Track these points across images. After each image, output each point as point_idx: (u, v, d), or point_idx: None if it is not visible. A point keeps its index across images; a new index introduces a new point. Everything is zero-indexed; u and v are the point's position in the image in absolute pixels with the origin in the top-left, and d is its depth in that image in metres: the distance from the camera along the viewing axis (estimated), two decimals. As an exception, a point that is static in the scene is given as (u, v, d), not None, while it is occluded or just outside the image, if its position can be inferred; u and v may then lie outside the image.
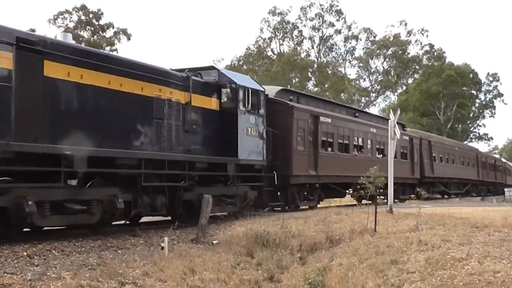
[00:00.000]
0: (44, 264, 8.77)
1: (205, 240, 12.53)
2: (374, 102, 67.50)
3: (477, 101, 73.23)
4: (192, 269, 9.92)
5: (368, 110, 61.66)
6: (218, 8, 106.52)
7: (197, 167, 14.91)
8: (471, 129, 74.68)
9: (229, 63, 62.56)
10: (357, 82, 65.99)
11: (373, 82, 65.26)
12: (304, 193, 21.29)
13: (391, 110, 25.32)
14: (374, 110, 65.62)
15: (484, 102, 73.30)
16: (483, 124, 75.22)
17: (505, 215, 14.80)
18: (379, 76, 64.59)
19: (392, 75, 65.02)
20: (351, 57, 64.40)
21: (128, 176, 12.80)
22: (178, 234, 12.85)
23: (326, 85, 63.64)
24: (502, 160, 61.59)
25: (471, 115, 73.83)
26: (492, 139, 79.89)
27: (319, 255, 12.28)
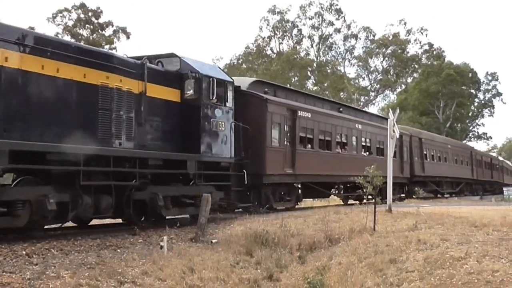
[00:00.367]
0: (43, 263, 8.76)
1: (204, 239, 12.53)
2: (374, 101, 67.64)
3: (476, 100, 73.34)
4: (191, 268, 9.92)
5: (367, 109, 61.75)
6: (218, 7, 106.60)
7: (150, 165, 13.34)
8: (470, 128, 74.75)
9: (229, 62, 62.65)
10: (357, 81, 66.08)
11: (373, 81, 65.30)
12: (281, 193, 19.81)
13: (390, 109, 25.21)
14: (374, 109, 65.72)
15: (483, 101, 73.36)
16: (482, 123, 75.54)
17: (504, 214, 14.81)
18: (379, 75, 64.62)
19: (392, 74, 65.05)
20: (351, 56, 64.51)
21: (65, 174, 11.29)
22: (177, 233, 12.85)
23: (326, 84, 63.67)
24: (499, 159, 60.75)
25: (470, 114, 73.89)
26: (491, 138, 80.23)
27: (318, 254, 12.29)
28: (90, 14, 49.73)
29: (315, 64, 63.34)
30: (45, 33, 15.61)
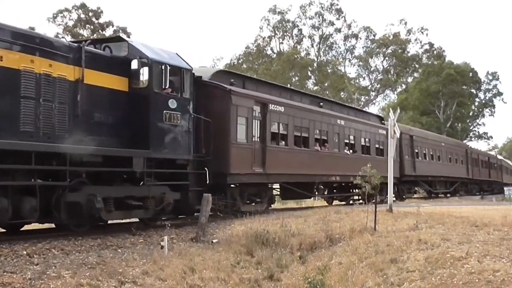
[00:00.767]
0: (44, 263, 8.77)
1: (205, 239, 12.54)
2: (374, 101, 67.56)
3: (477, 100, 73.22)
4: (192, 268, 9.93)
5: (368, 109, 61.72)
6: (218, 7, 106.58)
7: (87, 162, 11.60)
8: (471, 128, 74.68)
9: (229, 62, 62.65)
10: (357, 81, 66.00)
11: (373, 81, 65.25)
12: (250, 195, 17.93)
13: (391, 109, 25.13)
14: (374, 109, 65.61)
15: (484, 101, 73.25)
16: (483, 123, 75.24)
17: (505, 214, 14.81)
18: (379, 75, 64.58)
19: (392, 74, 65.01)
20: (351, 56, 64.42)
21: None
22: (178, 233, 12.86)
23: (326, 84, 63.64)
24: (498, 157, 58.96)
25: (471, 114, 73.80)
26: (492, 138, 79.99)
27: (319, 254, 12.30)
28: (91, 14, 49.80)
29: (316, 64, 63.31)
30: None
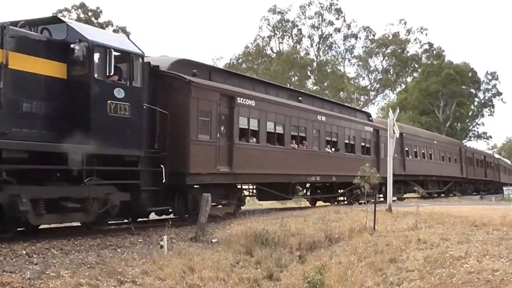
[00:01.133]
0: (43, 263, 8.77)
1: (204, 239, 12.54)
2: (374, 101, 67.59)
3: (476, 100, 73.29)
4: (191, 268, 9.94)
5: (367, 109, 61.73)
6: (218, 7, 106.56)
7: (8, 159, 10.22)
8: (470, 128, 74.74)
9: (228, 62, 62.64)
10: (357, 81, 66.00)
11: (372, 81, 65.24)
12: (216, 196, 16.10)
13: (390, 109, 25.08)
14: (373, 109, 65.79)
15: (483, 101, 73.32)
16: (482, 123, 75.33)
17: (504, 214, 14.84)
18: (378, 75, 64.58)
19: (391, 74, 65.01)
20: (351, 56, 64.43)
21: None
22: (177, 233, 12.85)
23: (326, 84, 63.65)
24: (495, 156, 57.47)
25: (470, 114, 73.87)
26: (491, 138, 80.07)
27: (318, 254, 12.30)
28: (90, 14, 49.74)
29: (315, 64, 63.30)
30: None
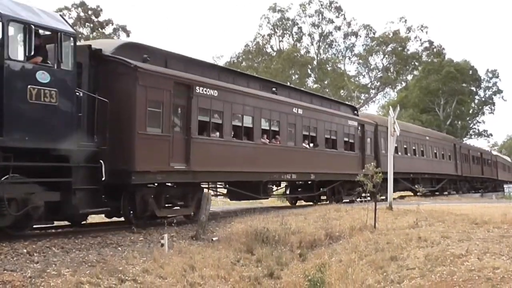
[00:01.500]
0: (44, 261, 8.78)
1: (205, 237, 12.55)
2: (374, 99, 67.61)
3: (477, 98, 73.29)
4: (192, 266, 9.95)
5: (368, 107, 61.76)
6: (218, 5, 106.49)
7: None
8: (471, 126, 74.75)
9: (229, 60, 62.63)
10: (357, 79, 66.01)
11: (373, 79, 65.28)
12: (172, 197, 14.73)
13: (391, 107, 25.03)
14: (374, 107, 65.68)
15: (484, 99, 73.35)
16: (483, 121, 75.36)
17: (505, 212, 14.83)
18: (379, 73, 64.60)
19: (392, 72, 65.03)
20: (351, 54, 64.46)
21: None
22: (178, 231, 12.86)
23: (326, 82, 63.65)
24: (493, 153, 55.74)
25: (471, 112, 73.87)
26: (492, 136, 79.99)
27: (319, 252, 12.31)
28: (90, 13, 49.79)
29: (315, 62, 63.32)
30: None
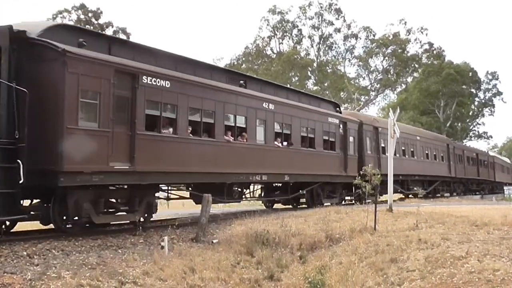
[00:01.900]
0: (44, 264, 8.78)
1: (205, 239, 12.55)
2: (374, 101, 67.63)
3: (477, 100, 73.37)
4: (192, 268, 9.95)
5: (368, 109, 61.72)
6: (218, 8, 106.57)
7: None
8: (471, 128, 74.79)
9: (229, 62, 62.67)
10: (357, 81, 66.04)
11: (373, 81, 65.28)
12: (116, 201, 13.24)
13: (391, 109, 24.92)
14: (374, 109, 65.63)
15: (484, 101, 73.40)
16: (483, 123, 75.42)
17: (505, 213, 14.82)
18: (379, 75, 64.62)
19: (392, 74, 65.05)
20: (351, 56, 64.49)
21: None
22: (178, 233, 12.86)
23: (326, 84, 63.67)
24: (489, 154, 53.88)
25: (471, 114, 73.92)
26: (492, 138, 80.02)
27: (319, 254, 12.30)
28: (90, 15, 49.83)
29: (315, 64, 63.34)
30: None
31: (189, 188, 16.36)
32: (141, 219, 13.52)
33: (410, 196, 30.38)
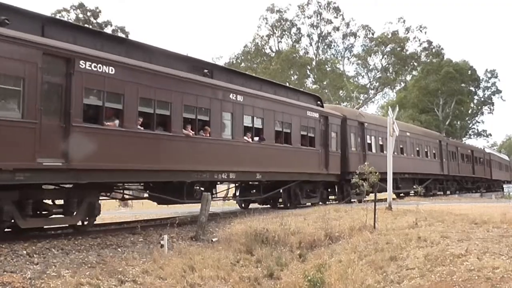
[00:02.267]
0: (44, 263, 8.78)
1: (205, 238, 12.56)
2: (373, 99, 67.65)
3: (476, 98, 73.43)
4: (192, 267, 9.95)
5: (367, 107, 61.71)
6: (217, 6, 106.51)
7: None
8: (470, 126, 74.86)
9: (228, 61, 62.64)
10: (356, 79, 66.06)
11: (372, 79, 65.26)
12: (53, 203, 12.04)
13: (390, 107, 24.94)
14: (373, 107, 65.66)
15: (483, 99, 73.48)
16: (482, 121, 75.57)
17: (504, 211, 14.82)
18: (378, 73, 64.61)
19: (391, 72, 65.02)
20: (350, 54, 64.47)
21: None
22: (178, 232, 12.86)
23: (325, 83, 63.67)
24: (486, 151, 52.20)
25: (470, 112, 74.01)
26: (491, 136, 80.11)
27: (319, 252, 12.31)
28: (89, 14, 49.75)
29: (314, 63, 63.33)
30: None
31: (142, 187, 15.03)
32: (80, 223, 12.19)
33: (401, 195, 29.19)
